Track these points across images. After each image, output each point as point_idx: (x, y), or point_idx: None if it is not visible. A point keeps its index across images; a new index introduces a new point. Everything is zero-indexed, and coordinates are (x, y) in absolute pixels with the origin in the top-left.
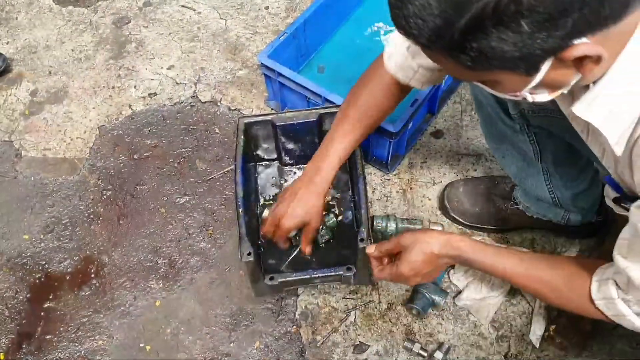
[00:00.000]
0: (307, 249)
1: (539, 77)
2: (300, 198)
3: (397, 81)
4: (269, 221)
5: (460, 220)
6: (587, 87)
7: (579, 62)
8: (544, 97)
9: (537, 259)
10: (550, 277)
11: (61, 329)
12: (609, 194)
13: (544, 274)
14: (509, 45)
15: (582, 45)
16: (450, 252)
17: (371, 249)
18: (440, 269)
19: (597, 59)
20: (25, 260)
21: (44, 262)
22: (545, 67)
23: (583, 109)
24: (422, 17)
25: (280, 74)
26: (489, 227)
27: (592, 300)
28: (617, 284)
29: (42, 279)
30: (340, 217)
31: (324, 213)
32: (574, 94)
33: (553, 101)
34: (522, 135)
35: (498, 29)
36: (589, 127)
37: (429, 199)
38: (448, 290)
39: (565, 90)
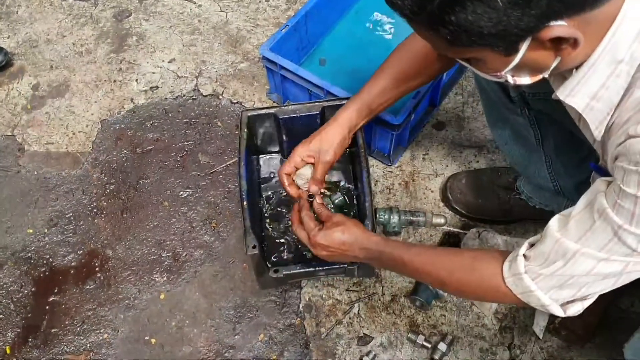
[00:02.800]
0: (313, 187)
1: (518, 57)
2: (319, 131)
3: None
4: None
5: (463, 212)
6: (569, 73)
7: (557, 45)
8: (525, 80)
9: (446, 249)
10: (459, 261)
11: (66, 322)
12: (595, 180)
13: (454, 258)
14: (485, 20)
15: (559, 27)
16: (362, 249)
17: (315, 189)
18: (346, 258)
19: (574, 43)
20: (29, 255)
21: (48, 256)
22: (524, 47)
23: (566, 94)
24: None
25: (282, 67)
26: (492, 218)
27: (503, 279)
28: (525, 257)
29: (47, 273)
30: (346, 195)
31: (330, 192)
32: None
33: (550, 85)
34: (522, 119)
35: (474, 3)
36: (580, 114)
37: (432, 191)
38: None
39: (545, 74)
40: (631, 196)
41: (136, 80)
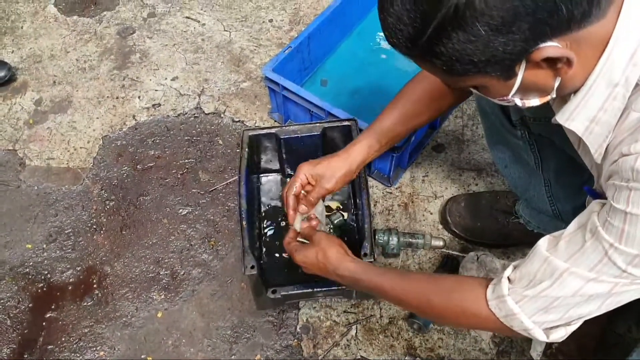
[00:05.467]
0: (302, 207)
1: (518, 80)
2: (329, 158)
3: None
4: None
5: (462, 235)
6: (569, 97)
7: (553, 65)
8: (534, 101)
9: (428, 275)
10: (440, 286)
11: (63, 339)
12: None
13: (435, 284)
14: (472, 49)
15: (549, 48)
16: (337, 274)
17: (296, 224)
18: (328, 277)
19: (568, 62)
20: (27, 270)
21: (46, 272)
22: (521, 70)
23: (566, 118)
24: (398, 27)
25: (284, 88)
26: (491, 242)
27: (486, 302)
28: (509, 280)
29: (45, 289)
30: (346, 217)
31: (330, 213)
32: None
33: (552, 109)
34: (523, 143)
35: (458, 34)
36: (580, 138)
37: (431, 213)
38: None
39: (553, 95)
40: (621, 212)
41: (139, 97)
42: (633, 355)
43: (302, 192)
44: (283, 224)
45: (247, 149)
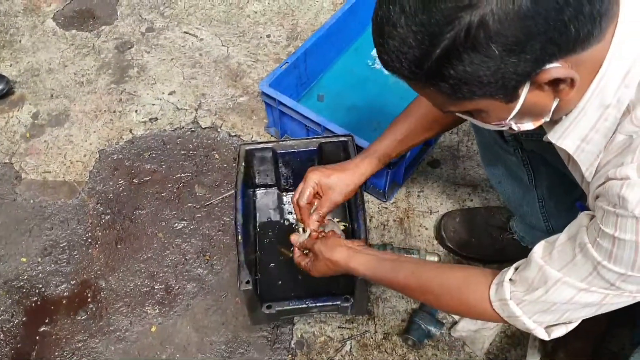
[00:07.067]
0: (315, 223)
1: (519, 103)
2: (341, 169)
3: None
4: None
5: (456, 250)
6: (560, 118)
7: (556, 87)
8: (528, 125)
9: (434, 267)
10: (450, 281)
11: (56, 353)
12: None
13: (443, 277)
14: (483, 70)
15: (555, 69)
16: (351, 272)
17: (295, 239)
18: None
19: (572, 83)
20: (22, 283)
21: (40, 286)
22: (524, 93)
23: (557, 137)
24: (402, 50)
25: (280, 103)
26: (485, 257)
27: (490, 303)
28: (511, 281)
29: (39, 303)
30: (348, 226)
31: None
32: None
33: (542, 127)
34: (516, 159)
35: (470, 55)
36: (570, 155)
37: (426, 229)
38: (444, 321)
39: (547, 118)
40: (609, 236)
41: (136, 111)
42: None
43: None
44: (279, 245)
45: (243, 163)
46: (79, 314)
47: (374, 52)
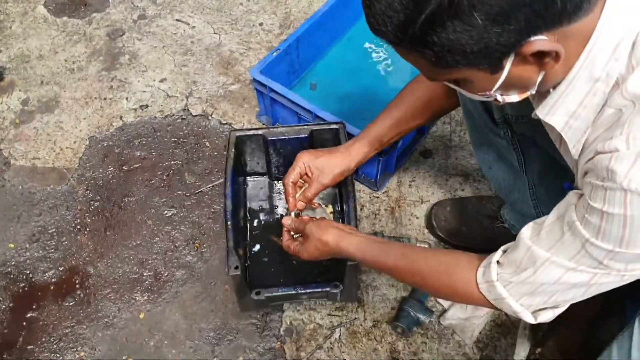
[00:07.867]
0: (300, 204)
1: (504, 74)
2: (330, 152)
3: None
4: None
5: (447, 239)
6: (548, 92)
7: (540, 59)
8: (513, 97)
9: (423, 250)
10: (438, 263)
11: (43, 339)
12: None
13: (433, 259)
14: (466, 39)
15: (539, 41)
16: (342, 254)
17: (287, 221)
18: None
19: (556, 56)
20: (9, 269)
21: (28, 272)
22: (508, 64)
23: (545, 113)
24: (388, 14)
25: (272, 90)
26: (476, 246)
27: (477, 285)
28: (499, 263)
29: (26, 289)
30: (336, 212)
31: (321, 205)
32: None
33: (531, 106)
34: (506, 143)
35: (454, 23)
36: (561, 136)
37: (417, 218)
38: (433, 309)
39: (533, 91)
40: (597, 211)
41: (126, 98)
42: (604, 354)
43: (300, 180)
44: (269, 233)
45: (233, 150)
46: (67, 300)
47: (368, 44)
